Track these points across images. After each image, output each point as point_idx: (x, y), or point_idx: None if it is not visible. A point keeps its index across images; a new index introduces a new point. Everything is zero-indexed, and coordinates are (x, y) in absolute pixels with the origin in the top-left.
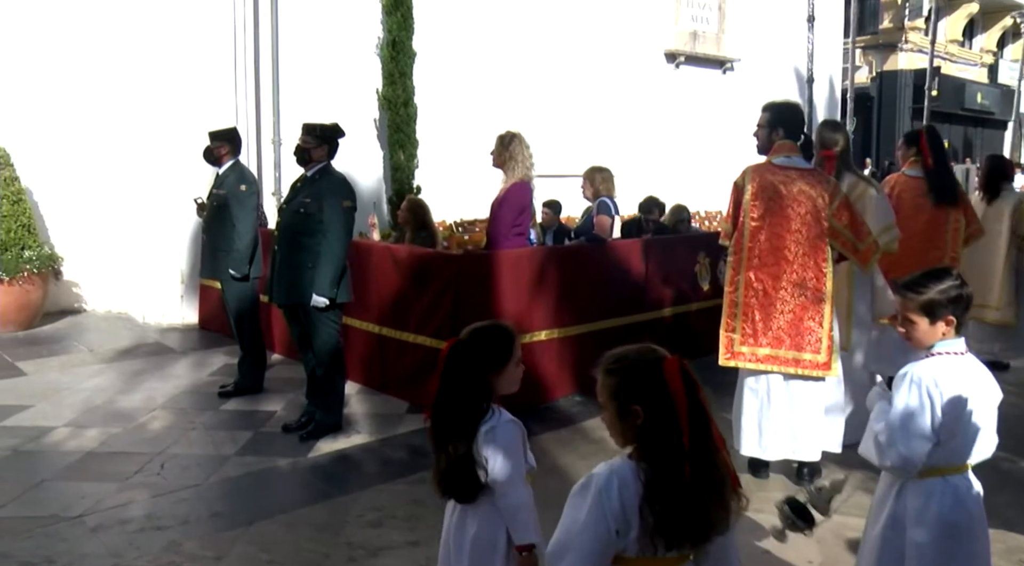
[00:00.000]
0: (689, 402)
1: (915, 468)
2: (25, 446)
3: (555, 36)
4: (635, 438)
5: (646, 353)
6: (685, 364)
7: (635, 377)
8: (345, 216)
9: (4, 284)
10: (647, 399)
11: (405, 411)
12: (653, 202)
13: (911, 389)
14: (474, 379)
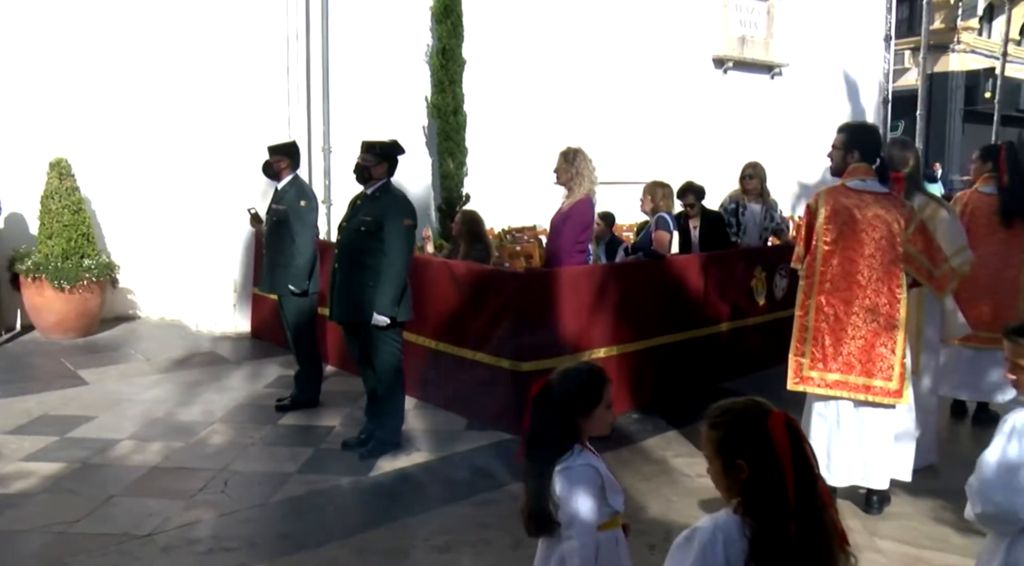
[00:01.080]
0: (794, 457)
1: (1019, 522)
2: (93, 459)
3: (603, 43)
4: (740, 492)
5: (751, 407)
6: (791, 419)
7: (740, 431)
8: (406, 235)
9: (65, 292)
10: (752, 453)
11: (464, 428)
12: (688, 186)
13: (1012, 439)
14: (561, 419)
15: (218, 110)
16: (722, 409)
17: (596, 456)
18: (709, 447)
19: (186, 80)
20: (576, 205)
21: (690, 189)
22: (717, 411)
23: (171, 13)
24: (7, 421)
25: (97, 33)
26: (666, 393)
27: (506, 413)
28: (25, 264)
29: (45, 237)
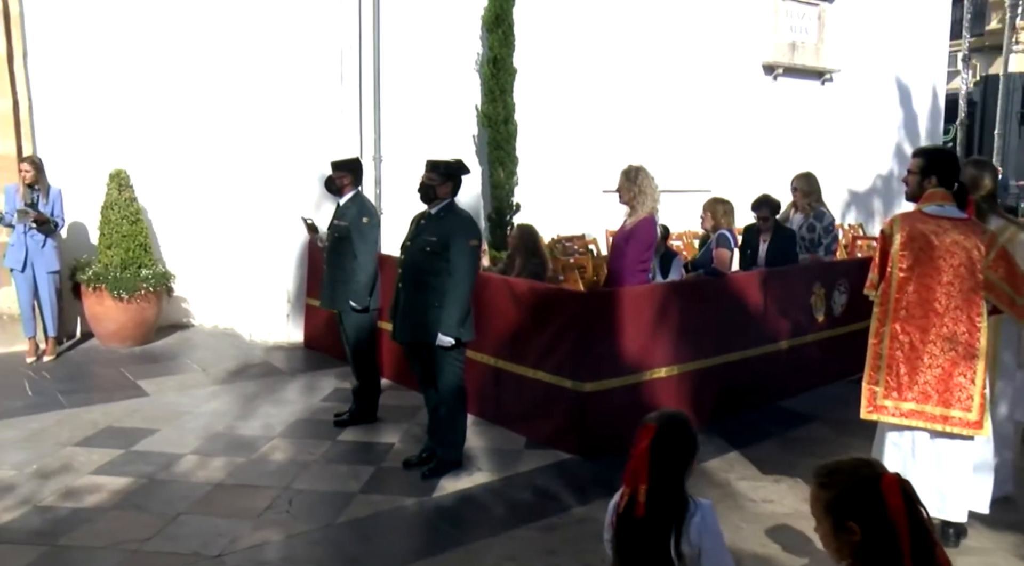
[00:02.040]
0: (911, 522)
1: None
2: (158, 475)
3: (653, 51)
4: (851, 554)
5: (861, 468)
6: (905, 482)
7: (851, 493)
8: (472, 255)
9: (124, 302)
10: (864, 517)
11: (523, 446)
12: (764, 199)
13: None
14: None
15: (272, 121)
16: (830, 468)
17: None
18: (817, 507)
19: (240, 91)
20: (639, 224)
21: (765, 202)
22: (825, 470)
23: (226, 25)
24: (75, 432)
25: (155, 48)
26: (725, 412)
27: (567, 433)
28: (86, 274)
29: (105, 247)
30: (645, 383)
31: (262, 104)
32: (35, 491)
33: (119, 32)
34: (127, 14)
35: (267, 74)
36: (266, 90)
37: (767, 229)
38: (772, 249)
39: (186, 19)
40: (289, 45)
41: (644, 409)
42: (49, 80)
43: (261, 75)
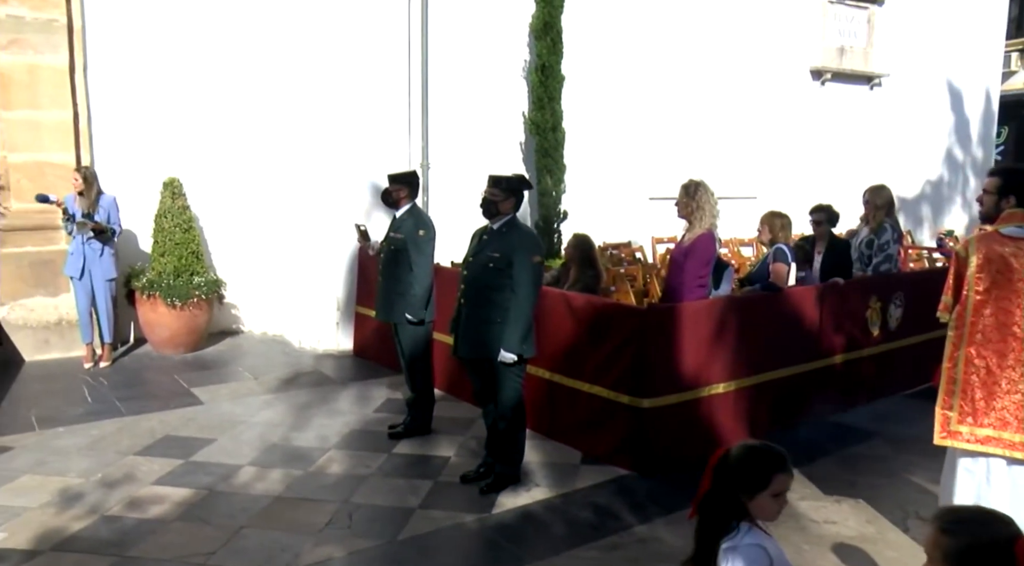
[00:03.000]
0: None
1: None
2: (218, 486)
3: (700, 57)
4: None
5: (993, 523)
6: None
7: (982, 548)
8: (534, 271)
9: (176, 309)
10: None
11: (579, 461)
12: (821, 206)
13: None
14: (726, 495)
15: (321, 129)
16: (957, 517)
17: (766, 535)
18: (937, 552)
19: (289, 100)
20: (698, 240)
21: (822, 208)
22: (951, 516)
23: (274, 35)
24: (134, 441)
25: (207, 60)
26: (781, 428)
27: (624, 449)
28: (140, 281)
29: (158, 255)
30: (702, 399)
31: (311, 113)
32: (101, 500)
33: (173, 45)
34: (182, 27)
35: (316, 83)
36: (315, 99)
37: (821, 237)
38: (825, 261)
39: (237, 31)
40: (338, 54)
41: (701, 425)
42: (107, 91)
43: (310, 84)
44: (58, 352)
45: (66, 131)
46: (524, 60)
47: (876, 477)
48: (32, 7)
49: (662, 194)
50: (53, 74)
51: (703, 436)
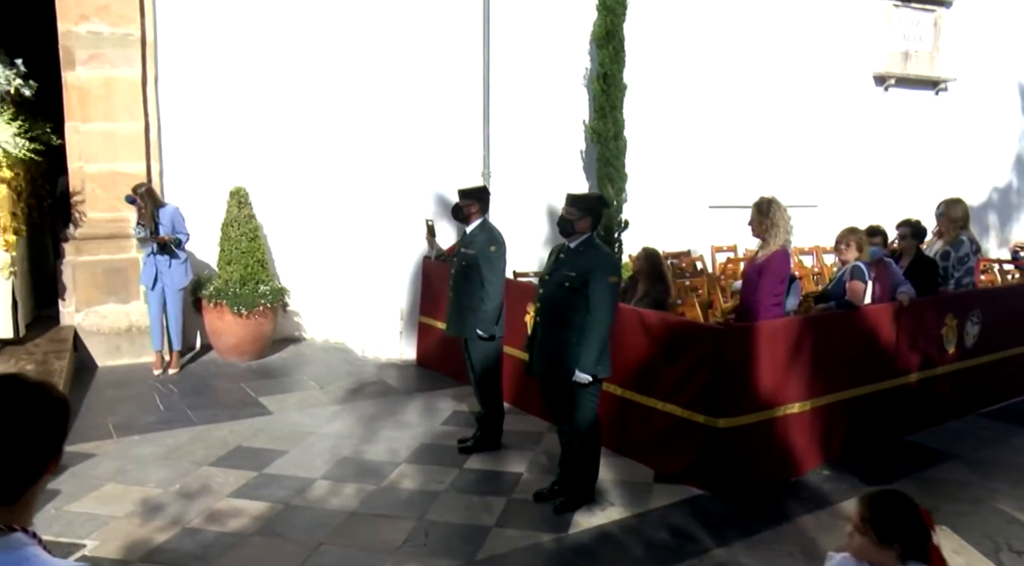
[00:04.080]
0: None
1: None
2: (294, 500)
3: (761, 65)
4: None
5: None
6: None
7: None
8: (612, 291)
9: (242, 317)
10: None
11: (652, 479)
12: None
13: None
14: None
15: (383, 139)
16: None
17: None
18: None
19: (351, 111)
20: (772, 257)
21: (909, 223)
22: None
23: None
24: (208, 451)
25: (272, 72)
26: (854, 447)
27: (698, 468)
28: (207, 290)
29: (224, 263)
30: (777, 419)
31: (374, 123)
32: (182, 512)
33: (240, 56)
34: (249, 39)
35: (378, 94)
36: (378, 110)
37: (907, 251)
38: (909, 276)
39: (302, 43)
40: (400, 64)
41: (776, 446)
42: (176, 102)
43: (372, 95)
44: (128, 358)
45: (138, 142)
46: (585, 68)
47: (959, 504)
48: (111, 23)
49: (722, 202)
50: (127, 87)
51: (778, 457)
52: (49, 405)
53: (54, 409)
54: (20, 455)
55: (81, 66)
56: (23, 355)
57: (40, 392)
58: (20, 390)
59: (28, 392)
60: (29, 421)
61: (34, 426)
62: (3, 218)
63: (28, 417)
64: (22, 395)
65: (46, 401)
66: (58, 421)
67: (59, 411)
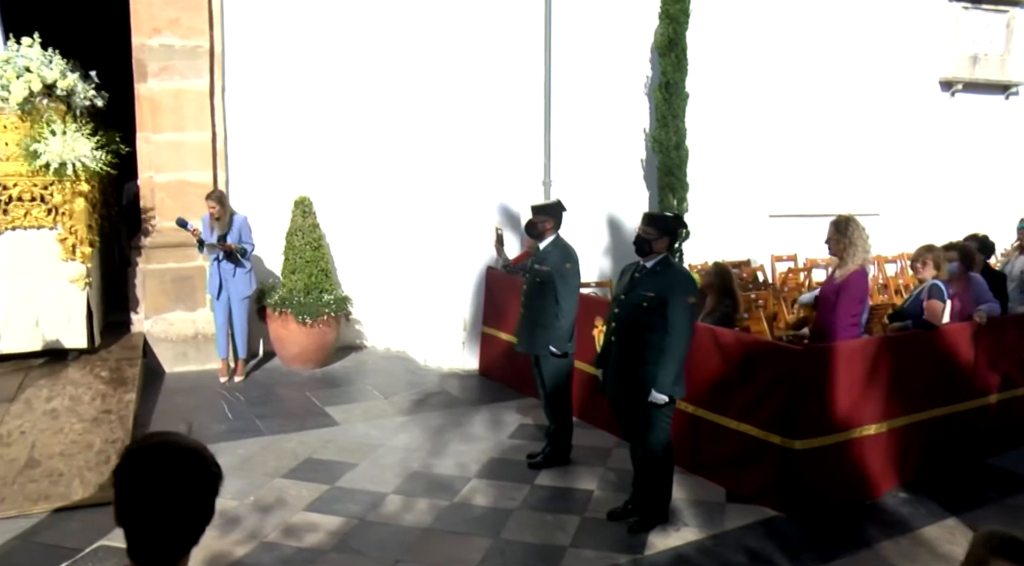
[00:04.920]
0: None
1: None
2: (368, 515)
3: (824, 71)
4: None
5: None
6: None
7: None
8: (690, 313)
9: (306, 326)
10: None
11: (725, 499)
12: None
13: None
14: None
15: (445, 148)
16: None
17: None
18: None
19: (413, 120)
20: (850, 277)
21: (975, 237)
22: None
23: (397, 52)
24: (280, 463)
25: (336, 82)
26: (931, 469)
27: (773, 489)
28: (272, 298)
29: (289, 272)
30: (854, 440)
31: (436, 132)
32: (258, 525)
33: (304, 67)
34: (313, 49)
35: (440, 103)
36: (440, 119)
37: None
38: None
39: (363, 54)
40: (462, 73)
41: (853, 468)
42: (242, 113)
43: (434, 104)
44: (194, 365)
45: (205, 151)
46: (646, 77)
47: None
48: (181, 36)
49: (782, 211)
50: (195, 98)
51: (854, 479)
52: (206, 471)
53: (211, 475)
54: (182, 521)
55: (153, 78)
56: (97, 362)
57: (197, 458)
58: (179, 457)
59: (187, 459)
60: (189, 488)
61: (194, 493)
62: (81, 230)
63: (188, 484)
64: (182, 462)
65: (203, 468)
66: (214, 486)
67: (215, 477)
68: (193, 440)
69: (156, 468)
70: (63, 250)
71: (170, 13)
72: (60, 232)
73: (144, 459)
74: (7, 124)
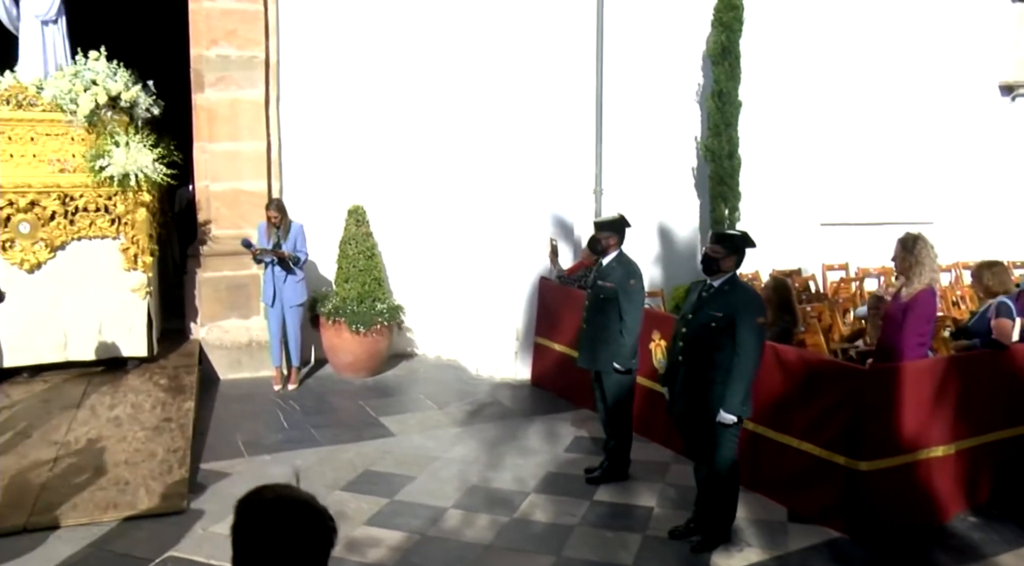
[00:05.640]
0: None
1: None
2: (429, 531)
3: (880, 78)
4: None
5: None
6: None
7: None
8: (760, 333)
9: (359, 335)
10: None
11: (786, 518)
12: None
13: None
14: None
15: (497, 157)
16: None
17: None
18: None
19: (465, 128)
20: (918, 296)
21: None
22: None
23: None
24: (338, 474)
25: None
26: (1003, 493)
27: (837, 511)
28: (326, 307)
29: (342, 281)
30: (921, 462)
31: (488, 140)
32: None
33: (357, 76)
34: (366, 59)
35: (493, 111)
36: (492, 126)
37: None
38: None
39: (416, 64)
40: (513, 81)
41: (920, 490)
42: (296, 122)
43: (486, 112)
44: (248, 372)
45: (260, 161)
46: (698, 85)
47: None
48: (238, 46)
49: (834, 220)
50: (251, 107)
51: (921, 501)
52: (323, 527)
53: (327, 530)
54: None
55: (210, 88)
56: (156, 370)
57: (314, 513)
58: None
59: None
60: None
61: (312, 548)
62: (142, 240)
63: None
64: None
65: (320, 523)
66: (330, 541)
67: (330, 531)
68: (306, 493)
69: (274, 525)
70: (125, 260)
71: (228, 24)
72: (123, 242)
73: (262, 516)
74: (74, 136)
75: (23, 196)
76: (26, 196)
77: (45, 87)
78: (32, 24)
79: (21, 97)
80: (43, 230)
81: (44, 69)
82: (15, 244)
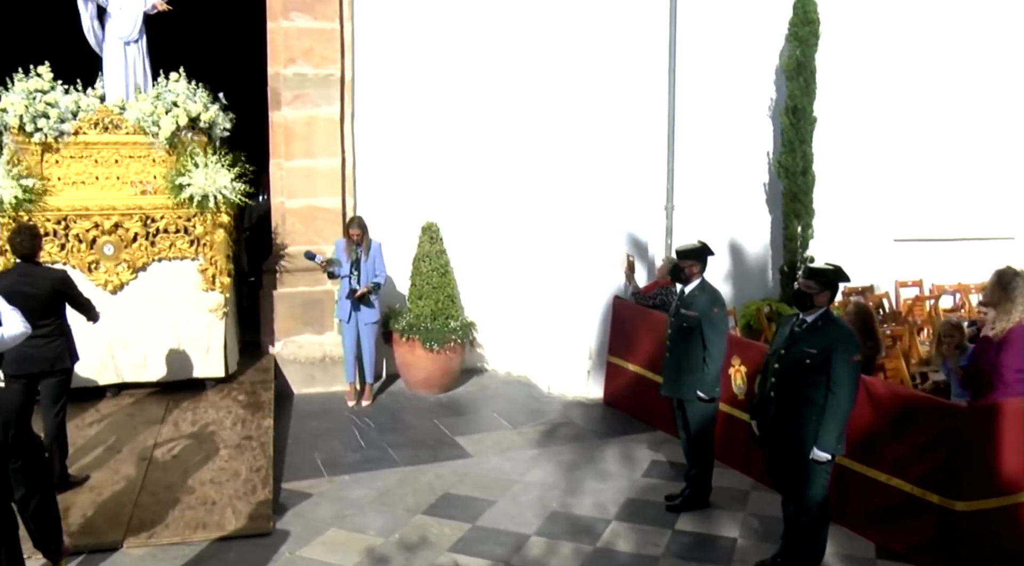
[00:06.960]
0: None
1: None
2: (512, 559)
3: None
4: None
5: None
6: None
7: None
8: (855, 371)
9: (433, 352)
10: None
11: (874, 555)
12: None
13: None
14: None
15: (570, 173)
16: None
17: None
18: None
19: (539, 145)
20: (1012, 332)
21: None
22: None
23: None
24: (418, 498)
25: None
26: None
27: (930, 550)
28: (400, 324)
29: (416, 298)
30: (1022, 505)
31: (561, 156)
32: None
33: (431, 94)
34: (439, 76)
35: (565, 127)
36: (564, 143)
37: None
38: None
39: (488, 82)
40: (586, 96)
41: (1019, 534)
42: (370, 139)
43: (560, 129)
44: (321, 387)
45: (335, 177)
46: (770, 99)
47: None
48: (314, 65)
49: (908, 235)
50: (326, 125)
51: (1020, 545)
52: None
53: None
54: None
55: (286, 106)
56: (235, 386)
57: None
58: None
59: None
60: None
61: None
62: (220, 261)
63: None
64: None
65: None
66: None
67: None
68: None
69: None
70: (203, 280)
71: (304, 43)
72: (201, 263)
73: None
74: (155, 158)
75: (108, 218)
76: (111, 218)
77: (128, 109)
78: (115, 45)
79: (107, 120)
80: (126, 251)
81: (125, 89)
82: (100, 266)
